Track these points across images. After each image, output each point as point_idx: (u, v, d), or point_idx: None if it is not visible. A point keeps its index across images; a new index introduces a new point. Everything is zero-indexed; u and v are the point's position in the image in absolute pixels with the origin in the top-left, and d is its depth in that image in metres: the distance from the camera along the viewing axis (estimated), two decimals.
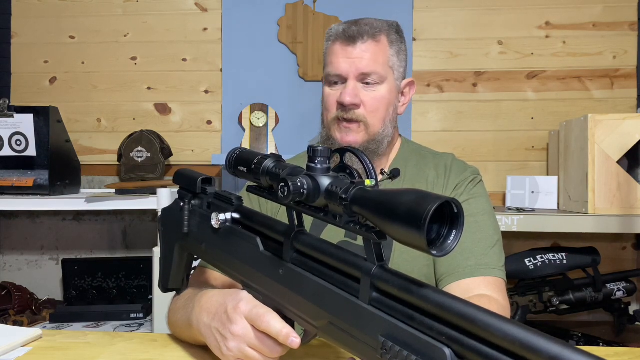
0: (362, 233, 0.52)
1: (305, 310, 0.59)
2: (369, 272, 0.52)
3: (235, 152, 0.67)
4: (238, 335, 0.65)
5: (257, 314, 0.64)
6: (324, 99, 1.06)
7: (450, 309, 0.45)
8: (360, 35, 1.02)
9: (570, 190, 1.79)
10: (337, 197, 0.53)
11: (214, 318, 0.70)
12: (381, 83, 1.03)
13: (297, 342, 0.61)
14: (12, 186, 1.81)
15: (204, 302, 0.75)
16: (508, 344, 0.41)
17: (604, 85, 2.08)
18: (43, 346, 0.83)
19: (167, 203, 1.75)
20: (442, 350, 0.44)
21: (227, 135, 2.18)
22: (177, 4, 2.21)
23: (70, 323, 1.90)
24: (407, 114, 2.13)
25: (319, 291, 0.57)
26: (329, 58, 1.05)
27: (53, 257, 2.26)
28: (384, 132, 1.04)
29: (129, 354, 0.80)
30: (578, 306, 1.78)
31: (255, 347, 0.65)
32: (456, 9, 2.13)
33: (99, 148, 2.23)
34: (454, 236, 0.47)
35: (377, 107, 1.02)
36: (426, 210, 0.44)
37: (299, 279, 0.60)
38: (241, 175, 0.66)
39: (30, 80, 2.26)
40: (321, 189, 0.55)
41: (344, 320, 0.54)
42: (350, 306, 0.53)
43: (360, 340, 0.52)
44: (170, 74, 2.22)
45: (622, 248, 2.08)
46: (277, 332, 0.62)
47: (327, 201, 0.55)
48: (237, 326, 0.66)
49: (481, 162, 2.12)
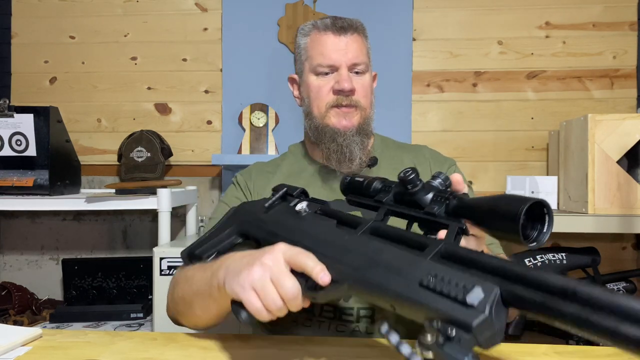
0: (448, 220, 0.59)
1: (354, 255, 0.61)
2: (439, 243, 0.56)
3: (346, 179, 0.76)
4: (267, 264, 0.64)
5: (295, 251, 0.64)
6: (314, 89, 1.10)
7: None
8: (350, 27, 1.11)
9: (570, 190, 1.79)
10: (441, 216, 0.60)
11: (243, 258, 0.70)
12: (366, 72, 1.13)
13: (327, 279, 0.61)
14: (12, 186, 1.81)
15: (230, 256, 0.75)
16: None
17: (603, 85, 2.08)
18: (43, 345, 0.83)
19: (167, 203, 1.76)
20: (492, 285, 0.46)
21: (227, 135, 2.18)
22: (177, 4, 2.22)
23: (70, 323, 1.90)
24: (407, 114, 2.13)
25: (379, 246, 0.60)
26: (316, 49, 1.10)
27: (53, 257, 2.26)
28: (371, 115, 1.14)
29: (129, 353, 0.80)
30: None
31: (277, 283, 0.63)
32: (456, 9, 2.13)
33: (99, 148, 2.23)
34: (546, 229, 0.53)
35: (366, 92, 1.12)
36: (519, 210, 0.50)
37: (366, 239, 0.63)
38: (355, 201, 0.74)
39: (30, 80, 2.26)
40: (424, 206, 0.62)
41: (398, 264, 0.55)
42: (411, 257, 0.55)
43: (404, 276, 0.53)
44: (170, 74, 2.22)
45: (622, 248, 2.08)
46: (312, 267, 0.62)
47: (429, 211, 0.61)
48: (269, 255, 0.65)
49: (481, 162, 2.12)
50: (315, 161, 1.16)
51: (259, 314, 0.64)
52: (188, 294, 0.83)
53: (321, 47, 1.09)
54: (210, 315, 0.81)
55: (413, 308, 0.51)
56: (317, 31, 1.11)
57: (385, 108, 2.14)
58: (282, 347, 0.82)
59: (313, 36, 1.11)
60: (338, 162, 1.08)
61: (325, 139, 1.09)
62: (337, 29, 1.09)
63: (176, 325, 0.94)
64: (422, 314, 0.49)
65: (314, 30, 1.12)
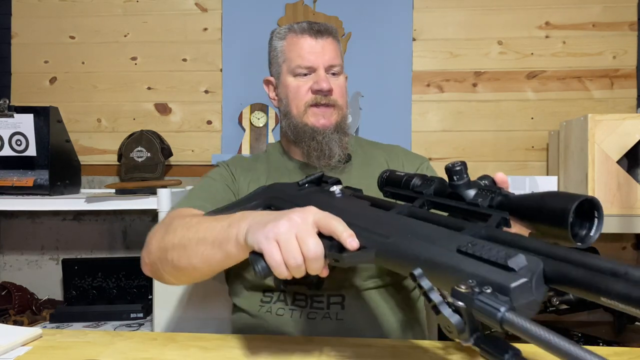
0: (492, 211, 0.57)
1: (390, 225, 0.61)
2: (480, 226, 0.54)
3: (385, 174, 0.77)
4: (295, 220, 0.64)
5: (326, 215, 0.65)
6: (293, 90, 1.15)
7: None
8: (326, 31, 1.15)
9: (570, 190, 1.79)
10: (484, 207, 0.58)
11: (270, 214, 0.70)
12: (341, 73, 1.18)
13: (355, 244, 0.61)
14: (12, 186, 1.81)
15: (253, 212, 0.75)
16: None
17: (603, 85, 2.08)
18: (43, 345, 0.83)
19: (167, 203, 1.75)
20: (536, 259, 0.45)
21: (227, 135, 2.18)
22: (177, 4, 2.22)
23: (70, 323, 1.90)
24: (406, 114, 2.13)
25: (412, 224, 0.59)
26: (294, 52, 1.14)
27: (53, 257, 2.26)
28: (346, 113, 1.19)
29: (129, 353, 0.80)
30: (578, 306, 1.78)
31: (302, 240, 0.63)
32: (456, 9, 2.13)
33: (99, 148, 2.23)
34: (595, 228, 0.51)
35: (342, 92, 1.17)
36: (569, 207, 0.48)
37: (400, 217, 0.63)
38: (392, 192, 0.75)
39: (30, 80, 2.26)
40: (466, 199, 0.60)
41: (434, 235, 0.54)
42: (449, 231, 0.54)
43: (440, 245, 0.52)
44: (170, 74, 2.22)
45: (622, 248, 2.08)
46: (341, 231, 0.62)
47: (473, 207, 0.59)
48: (299, 214, 0.65)
49: (481, 162, 2.12)
50: (294, 159, 1.20)
51: (277, 268, 0.63)
52: (190, 241, 0.80)
53: (299, 49, 1.13)
54: (208, 266, 0.79)
55: (447, 272, 0.48)
56: (294, 34, 1.15)
57: (385, 108, 2.15)
58: (282, 347, 0.82)
59: (290, 39, 1.16)
60: (317, 158, 1.13)
61: (305, 137, 1.13)
62: (314, 32, 1.14)
63: (152, 277, 0.93)
64: (456, 278, 0.46)
65: (291, 33, 1.16)
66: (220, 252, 0.75)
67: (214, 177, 1.16)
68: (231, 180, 1.16)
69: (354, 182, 1.15)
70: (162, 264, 0.87)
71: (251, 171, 1.18)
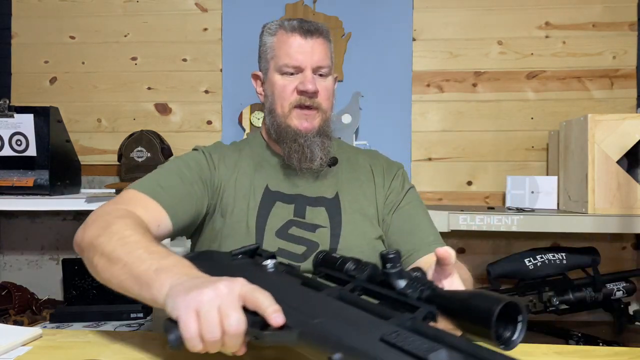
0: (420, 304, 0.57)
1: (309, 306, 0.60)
2: (406, 316, 0.54)
3: (321, 254, 0.76)
4: (221, 291, 0.59)
5: (254, 288, 0.61)
6: (278, 88, 1.14)
7: None
8: (316, 31, 1.13)
9: (570, 190, 1.79)
10: (413, 299, 0.58)
11: (198, 278, 0.65)
12: (329, 75, 1.16)
13: (280, 320, 0.58)
14: (12, 186, 1.81)
15: (184, 267, 0.70)
16: None
17: (603, 85, 2.08)
18: (43, 345, 0.83)
19: None
20: (459, 357, 0.45)
21: (227, 135, 2.18)
22: (177, 4, 2.22)
23: (70, 323, 1.90)
24: (406, 114, 2.14)
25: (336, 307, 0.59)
26: (282, 50, 1.13)
27: (53, 257, 2.26)
28: (330, 117, 1.17)
29: (129, 353, 0.80)
30: (578, 306, 1.78)
31: (224, 312, 0.58)
32: (456, 9, 2.13)
33: (99, 148, 2.23)
34: (518, 332, 0.53)
35: (328, 95, 1.15)
36: (493, 311, 0.50)
37: (329, 299, 0.62)
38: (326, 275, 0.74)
39: (30, 80, 2.26)
40: (397, 288, 0.61)
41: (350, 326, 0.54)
42: (375, 318, 0.54)
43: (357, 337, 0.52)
44: (170, 74, 2.22)
45: (622, 248, 2.08)
46: (267, 305, 0.58)
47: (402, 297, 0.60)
48: (227, 283, 0.60)
49: (481, 162, 2.12)
50: (277, 154, 1.19)
51: (191, 341, 0.59)
52: (118, 260, 0.76)
53: (287, 48, 1.12)
54: (125, 292, 0.75)
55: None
56: (284, 31, 1.14)
57: (385, 108, 2.15)
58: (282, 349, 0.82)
59: (280, 36, 1.14)
60: (299, 161, 1.12)
61: (287, 138, 1.13)
62: (304, 32, 1.12)
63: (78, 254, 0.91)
64: None
65: (281, 30, 1.15)
66: (139, 291, 0.71)
67: (189, 164, 1.10)
68: (208, 170, 1.12)
69: (343, 185, 1.17)
70: (87, 260, 0.85)
71: (237, 167, 1.15)
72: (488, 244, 2.09)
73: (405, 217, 1.15)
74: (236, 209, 1.10)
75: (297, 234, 1.08)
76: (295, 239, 1.08)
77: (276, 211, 1.10)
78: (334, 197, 1.14)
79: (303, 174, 1.14)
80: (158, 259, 0.72)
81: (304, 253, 1.06)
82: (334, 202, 1.13)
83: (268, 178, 1.15)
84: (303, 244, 1.07)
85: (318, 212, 1.11)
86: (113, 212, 0.91)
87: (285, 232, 1.08)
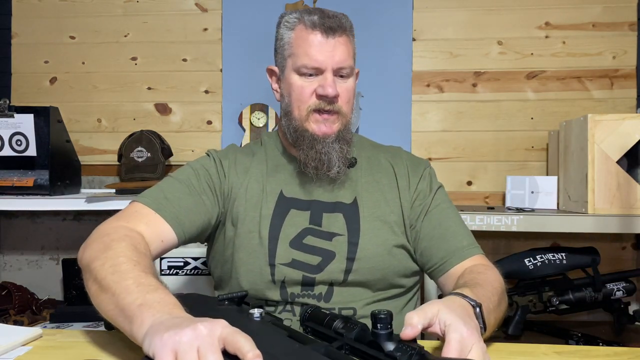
0: None
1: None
2: None
3: (309, 309, 0.76)
4: (200, 331, 0.57)
5: (235, 331, 0.59)
6: (296, 90, 1.06)
7: None
8: (339, 28, 1.06)
9: (569, 190, 1.79)
10: (402, 357, 0.59)
11: (179, 318, 0.63)
12: (351, 75, 1.09)
13: None
14: (13, 186, 1.81)
15: (168, 305, 0.67)
16: None
17: (603, 85, 2.08)
18: (43, 345, 0.83)
19: None
20: None
21: (227, 135, 2.18)
22: (177, 4, 2.22)
23: (70, 323, 1.90)
24: (406, 114, 2.14)
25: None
26: (301, 48, 1.05)
27: (53, 257, 2.26)
28: (351, 120, 1.11)
29: (129, 353, 0.80)
30: (578, 306, 1.78)
31: (202, 354, 0.56)
32: (456, 9, 2.13)
33: (99, 148, 2.23)
34: None
35: (349, 98, 1.08)
36: None
37: (314, 353, 0.61)
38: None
39: (31, 80, 2.26)
40: (385, 350, 0.61)
41: None
42: None
43: None
44: (170, 74, 2.22)
45: (622, 248, 2.08)
46: (247, 350, 0.56)
47: None
48: (208, 325, 0.58)
49: (481, 162, 2.12)
50: (295, 159, 1.12)
51: None
52: (108, 288, 0.75)
53: (307, 47, 1.04)
54: (112, 321, 0.74)
55: None
56: (304, 27, 1.05)
57: (385, 108, 2.15)
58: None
59: (299, 32, 1.05)
60: (315, 169, 1.06)
61: (304, 144, 1.06)
62: (326, 29, 1.04)
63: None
64: None
65: (300, 25, 1.06)
66: (122, 323, 0.70)
67: (198, 172, 1.08)
68: (217, 178, 1.09)
69: (362, 190, 1.10)
70: (85, 281, 0.84)
71: (248, 173, 1.11)
72: (488, 244, 2.09)
73: (435, 222, 1.08)
74: (247, 217, 1.06)
75: (312, 243, 1.04)
76: (310, 248, 1.03)
77: (291, 219, 1.05)
78: (352, 202, 1.08)
79: (319, 179, 1.09)
80: (144, 292, 0.70)
81: (319, 264, 1.02)
82: (352, 208, 1.08)
83: (282, 183, 1.10)
84: (318, 254, 1.03)
85: (335, 219, 1.06)
86: (112, 233, 0.90)
87: (299, 242, 1.04)
